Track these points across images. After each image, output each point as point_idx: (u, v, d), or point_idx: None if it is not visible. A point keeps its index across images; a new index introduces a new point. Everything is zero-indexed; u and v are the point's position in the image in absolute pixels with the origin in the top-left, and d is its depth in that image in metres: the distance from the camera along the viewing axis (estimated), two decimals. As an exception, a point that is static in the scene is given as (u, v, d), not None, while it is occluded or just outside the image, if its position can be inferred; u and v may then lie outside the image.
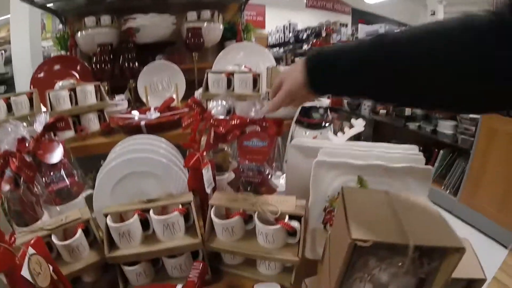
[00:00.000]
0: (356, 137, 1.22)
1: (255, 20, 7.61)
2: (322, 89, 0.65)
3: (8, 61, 4.45)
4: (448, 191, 3.24)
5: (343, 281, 0.52)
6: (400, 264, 0.48)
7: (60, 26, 2.11)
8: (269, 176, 0.83)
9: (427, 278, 0.50)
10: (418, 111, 3.84)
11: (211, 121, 0.93)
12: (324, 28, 5.62)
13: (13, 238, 0.64)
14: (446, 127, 3.31)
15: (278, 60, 7.40)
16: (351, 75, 0.56)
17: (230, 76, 1.18)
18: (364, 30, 4.45)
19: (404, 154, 0.88)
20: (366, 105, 4.45)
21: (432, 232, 0.49)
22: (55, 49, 2.69)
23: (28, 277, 0.56)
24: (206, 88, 1.20)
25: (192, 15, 1.80)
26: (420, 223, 0.51)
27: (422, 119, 3.74)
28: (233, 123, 0.84)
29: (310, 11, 8.28)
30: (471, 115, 3.03)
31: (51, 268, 0.64)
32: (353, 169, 0.84)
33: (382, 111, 4.16)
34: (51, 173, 1.04)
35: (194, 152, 0.86)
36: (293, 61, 6.86)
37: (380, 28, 4.18)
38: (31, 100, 1.27)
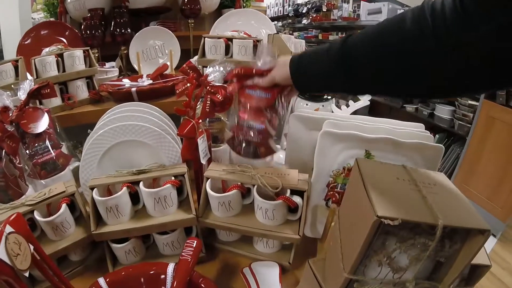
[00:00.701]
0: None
1: (254, -8, 7.37)
2: (303, 88, 0.73)
3: (-4, 35, 4.29)
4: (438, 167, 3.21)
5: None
6: (421, 245, 0.43)
7: (52, -1, 2.01)
8: (270, 138, 0.75)
9: (445, 262, 0.45)
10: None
11: (208, 87, 0.85)
12: (325, 3, 5.47)
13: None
14: (443, 111, 3.26)
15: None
16: (324, 77, 0.64)
17: (228, 42, 1.10)
18: (366, 8, 4.31)
19: (412, 131, 0.82)
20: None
21: (456, 211, 0.43)
22: (45, 19, 2.58)
23: (5, 258, 0.49)
24: (203, 54, 1.12)
25: (189, -20, 1.69)
26: (445, 201, 0.45)
27: (420, 101, 3.68)
28: (236, 72, 0.76)
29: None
30: (470, 101, 2.98)
31: (32, 247, 0.57)
32: (361, 142, 0.78)
33: (380, 91, 4.09)
34: (36, 144, 0.98)
35: (189, 119, 0.79)
36: (291, 35, 6.69)
37: (383, 6, 4.04)
38: (16, 68, 1.20)
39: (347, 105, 1.08)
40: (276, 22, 7.34)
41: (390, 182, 0.49)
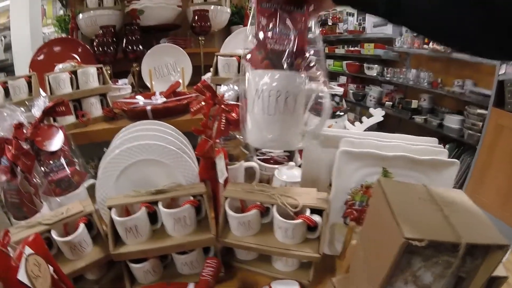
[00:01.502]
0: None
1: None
2: None
3: (8, 48, 4.37)
4: (452, 186, 3.19)
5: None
6: (444, 262, 0.45)
7: (61, 11, 2.04)
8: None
9: (467, 277, 0.46)
10: (424, 104, 3.78)
11: (223, 106, 0.86)
12: (331, 17, 5.53)
13: (7, 237, 0.57)
14: (452, 121, 3.25)
15: None
16: None
17: (241, 60, 1.11)
18: (371, 20, 4.35)
19: (427, 146, 0.83)
20: (372, 97, 4.39)
21: (476, 228, 0.45)
22: (56, 34, 2.62)
23: (26, 281, 0.49)
24: (216, 72, 1.13)
25: (198, -3, 1.73)
26: (465, 219, 0.47)
27: (428, 112, 3.68)
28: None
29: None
30: (479, 110, 2.98)
31: (51, 268, 0.57)
32: (379, 160, 0.78)
33: (388, 103, 4.10)
34: (51, 162, 0.98)
35: (207, 139, 0.79)
36: None
37: (389, 18, 4.08)
38: (29, 84, 1.20)
39: (361, 121, 1.08)
40: None
41: (413, 202, 0.51)
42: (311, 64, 0.67)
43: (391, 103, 4.11)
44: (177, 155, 0.84)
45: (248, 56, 0.68)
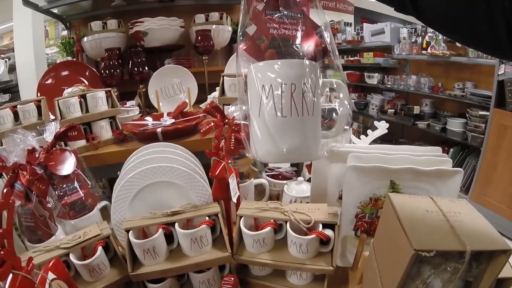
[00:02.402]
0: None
1: (261, 22, 7.54)
2: None
3: (12, 69, 4.41)
4: (459, 189, 3.19)
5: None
6: (452, 269, 0.49)
7: (64, 32, 2.09)
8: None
9: (474, 281, 0.50)
10: (427, 109, 3.80)
11: (232, 126, 0.89)
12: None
13: (31, 264, 0.60)
14: (455, 124, 3.27)
15: None
16: None
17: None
18: (369, 29, 4.41)
19: (431, 156, 0.85)
20: (374, 105, 4.42)
21: (481, 235, 0.49)
22: (59, 56, 2.66)
23: None
24: (222, 92, 1.15)
25: (200, 17, 1.77)
26: (470, 227, 0.51)
27: (431, 117, 3.69)
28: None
29: (313, 11, 8.23)
30: (481, 112, 2.99)
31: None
32: (386, 173, 0.80)
33: (390, 110, 4.12)
34: (64, 185, 1.00)
35: (219, 160, 0.82)
36: None
37: (386, 26, 4.13)
38: (38, 108, 1.23)
39: (366, 135, 1.10)
40: None
41: (421, 215, 0.54)
42: (325, 51, 0.58)
43: (393, 110, 4.13)
44: (190, 176, 0.86)
45: (244, 47, 0.56)
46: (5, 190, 0.83)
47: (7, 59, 4.47)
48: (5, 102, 4.62)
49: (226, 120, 0.91)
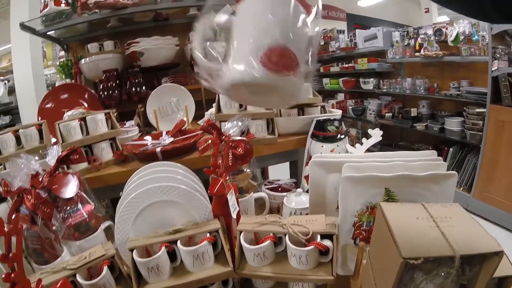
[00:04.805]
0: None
1: (253, 34, 7.58)
2: None
3: (11, 91, 4.47)
4: (461, 188, 3.20)
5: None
6: (444, 274, 0.50)
7: (61, 53, 2.13)
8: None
9: (468, 284, 0.52)
10: (424, 110, 3.82)
11: (229, 143, 0.91)
12: (322, 37, 5.64)
13: (40, 286, 0.62)
14: (453, 124, 3.28)
15: None
16: None
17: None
18: (362, 35, 4.45)
19: (425, 160, 0.88)
20: (371, 110, 4.44)
21: (472, 239, 0.51)
22: (58, 77, 2.70)
23: None
24: (219, 109, 1.18)
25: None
26: (460, 231, 0.53)
27: (429, 118, 3.72)
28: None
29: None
30: (477, 109, 3.01)
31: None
32: (381, 181, 0.82)
33: (388, 114, 4.14)
34: (68, 207, 1.02)
35: (218, 178, 0.84)
36: None
37: (378, 31, 4.18)
38: (40, 131, 1.26)
39: (361, 143, 1.12)
40: None
41: (411, 223, 0.56)
42: None
43: (391, 114, 4.15)
44: (190, 195, 0.88)
45: None
46: (13, 216, 0.87)
47: (6, 81, 4.53)
48: (6, 124, 4.67)
49: (223, 137, 0.93)
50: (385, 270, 0.55)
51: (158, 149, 1.09)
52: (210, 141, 0.94)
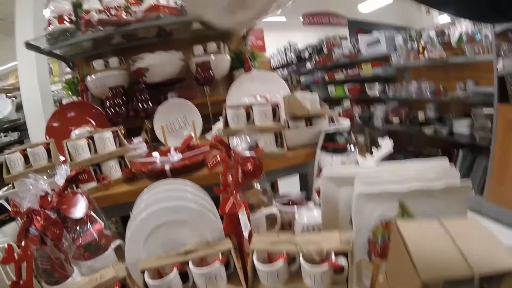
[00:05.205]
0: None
1: (255, 44, 7.71)
2: None
3: (19, 108, 4.52)
4: (473, 191, 3.15)
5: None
6: None
7: (67, 69, 2.15)
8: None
9: None
10: (431, 114, 3.79)
11: (238, 159, 0.91)
12: (325, 44, 5.66)
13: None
14: (461, 126, 3.25)
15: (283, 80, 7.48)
16: None
17: (248, 109, 1.17)
18: (364, 41, 4.46)
19: (439, 170, 0.86)
20: (378, 116, 4.41)
21: (490, 256, 0.50)
22: (64, 93, 2.72)
23: None
24: (226, 124, 1.18)
25: (198, 49, 1.81)
26: (478, 249, 0.51)
27: (437, 121, 3.68)
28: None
29: (307, 29, 8.42)
30: (485, 111, 2.98)
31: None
32: (394, 196, 0.81)
33: (395, 120, 4.11)
34: (78, 227, 1.02)
35: (228, 196, 0.83)
36: (298, 82, 6.90)
37: (380, 35, 4.17)
38: (48, 150, 1.26)
39: (371, 152, 1.11)
40: (281, 69, 7.60)
41: (428, 241, 0.55)
42: None
43: (398, 119, 4.12)
44: (201, 214, 0.87)
45: None
46: (22, 243, 0.86)
47: (13, 98, 4.58)
48: (14, 141, 4.72)
49: (232, 154, 0.93)
50: (403, 288, 0.54)
51: (167, 167, 1.08)
52: (219, 158, 0.93)
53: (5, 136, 4.69)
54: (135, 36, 1.94)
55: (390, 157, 1.06)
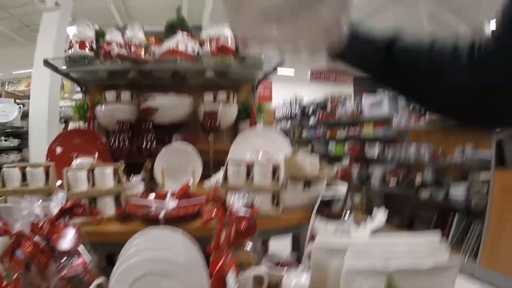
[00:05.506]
0: (369, 210, 1.20)
1: (262, 94, 7.93)
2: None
3: (25, 116, 4.57)
4: (467, 255, 3.13)
5: None
6: None
7: (78, 88, 2.21)
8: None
9: None
10: (429, 177, 3.82)
11: (233, 218, 0.92)
12: (329, 101, 5.84)
13: None
14: (457, 191, 3.28)
15: (285, 133, 7.62)
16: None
17: (249, 166, 1.19)
18: (368, 102, 4.57)
19: (429, 247, 0.86)
20: (376, 177, 4.45)
21: None
22: (71, 112, 2.75)
23: None
24: (226, 178, 1.20)
25: (208, 96, 1.87)
26: None
27: (433, 184, 3.70)
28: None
29: (314, 84, 8.71)
30: (482, 178, 3.01)
31: None
32: (383, 272, 0.82)
33: (392, 181, 4.14)
34: (64, 259, 1.00)
35: (219, 256, 0.84)
36: (300, 135, 7.04)
37: (384, 97, 4.28)
38: (47, 173, 1.28)
39: (369, 210, 1.13)
40: (285, 121, 7.77)
41: None
42: None
43: (396, 180, 4.15)
44: (188, 268, 0.87)
45: None
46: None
47: (21, 105, 4.63)
48: (14, 147, 4.73)
49: (228, 211, 0.94)
50: None
51: (161, 215, 1.09)
52: (213, 214, 0.95)
53: (5, 140, 4.74)
54: (150, 74, 2.01)
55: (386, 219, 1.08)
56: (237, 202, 0.96)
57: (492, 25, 0.59)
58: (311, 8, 0.42)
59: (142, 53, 1.81)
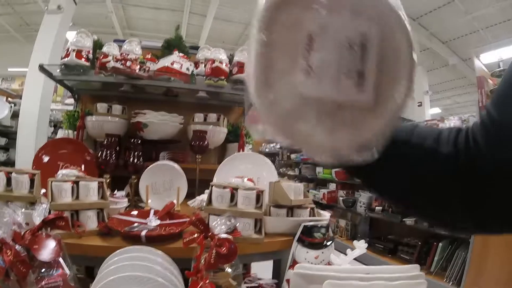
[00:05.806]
0: (353, 235, 1.20)
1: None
2: None
3: (15, 116, 4.51)
4: (450, 283, 3.16)
5: None
6: None
7: (70, 93, 2.21)
8: None
9: None
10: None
11: (215, 241, 0.93)
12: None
13: None
14: (443, 218, 3.30)
15: (274, 155, 7.70)
16: None
17: (234, 191, 1.20)
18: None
19: (407, 279, 0.90)
20: (362, 202, 4.48)
21: None
22: (61, 117, 2.74)
23: None
24: (210, 201, 1.21)
25: (199, 117, 1.89)
26: None
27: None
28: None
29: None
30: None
31: None
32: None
33: (378, 208, 4.18)
34: (43, 269, 1.00)
35: (197, 280, 0.84)
36: (289, 157, 7.08)
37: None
38: (32, 180, 1.26)
39: (346, 254, 1.14)
40: (274, 143, 7.78)
41: None
42: None
43: (381, 207, 4.18)
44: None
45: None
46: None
47: (13, 104, 4.58)
48: (0, 146, 4.65)
49: (209, 234, 0.95)
50: None
51: (143, 233, 1.09)
52: (195, 235, 0.96)
53: (-8, 138, 4.65)
54: (143, 90, 2.03)
55: (370, 243, 1.10)
56: (219, 226, 0.97)
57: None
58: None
59: (137, 68, 1.83)
